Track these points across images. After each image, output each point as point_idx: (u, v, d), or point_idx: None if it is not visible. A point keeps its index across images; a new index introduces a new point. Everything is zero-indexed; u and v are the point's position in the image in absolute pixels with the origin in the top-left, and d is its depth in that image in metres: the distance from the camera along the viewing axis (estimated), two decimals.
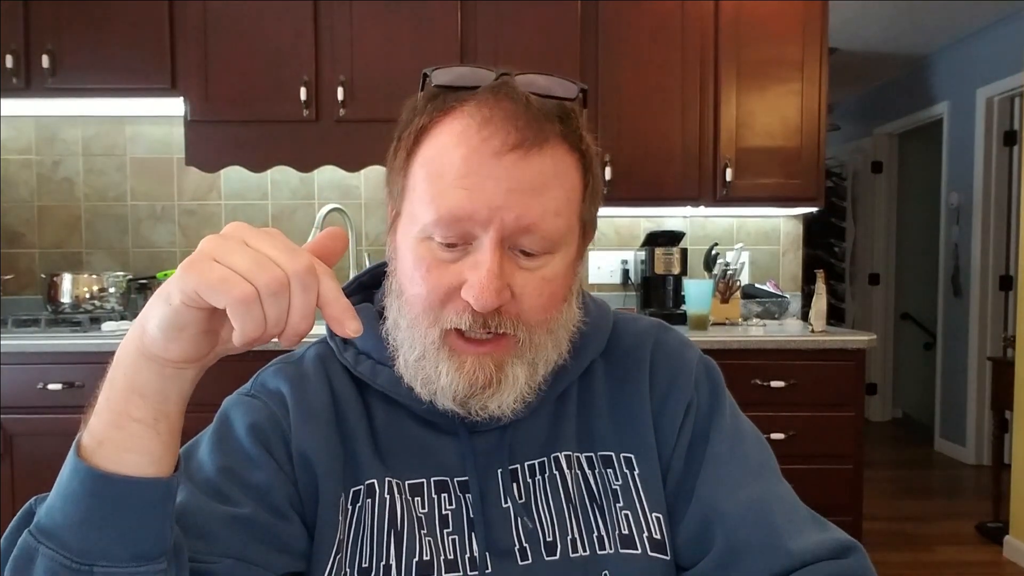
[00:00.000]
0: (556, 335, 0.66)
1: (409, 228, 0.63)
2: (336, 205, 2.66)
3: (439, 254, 0.61)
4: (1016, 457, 2.99)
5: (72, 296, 2.55)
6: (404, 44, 2.52)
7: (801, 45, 2.64)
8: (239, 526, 0.61)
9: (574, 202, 0.64)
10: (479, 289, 0.59)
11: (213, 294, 0.44)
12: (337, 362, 0.72)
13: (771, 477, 0.69)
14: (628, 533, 0.67)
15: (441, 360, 0.63)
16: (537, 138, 0.60)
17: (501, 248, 0.60)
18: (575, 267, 0.67)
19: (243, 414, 0.68)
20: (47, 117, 2.84)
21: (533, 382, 0.65)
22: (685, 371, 0.73)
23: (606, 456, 0.70)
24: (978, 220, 4.39)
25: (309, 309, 0.46)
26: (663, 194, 2.67)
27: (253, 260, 0.45)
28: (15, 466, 2.23)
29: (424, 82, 0.64)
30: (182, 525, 0.58)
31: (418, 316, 0.63)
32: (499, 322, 0.61)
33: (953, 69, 4.65)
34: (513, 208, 0.59)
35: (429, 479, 0.68)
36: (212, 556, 0.59)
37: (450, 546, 0.65)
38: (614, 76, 2.61)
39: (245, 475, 0.64)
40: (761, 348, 2.31)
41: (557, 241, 0.62)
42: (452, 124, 0.61)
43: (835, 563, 0.62)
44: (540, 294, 0.62)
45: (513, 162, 0.59)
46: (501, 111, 0.60)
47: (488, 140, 0.59)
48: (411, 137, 0.63)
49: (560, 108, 0.63)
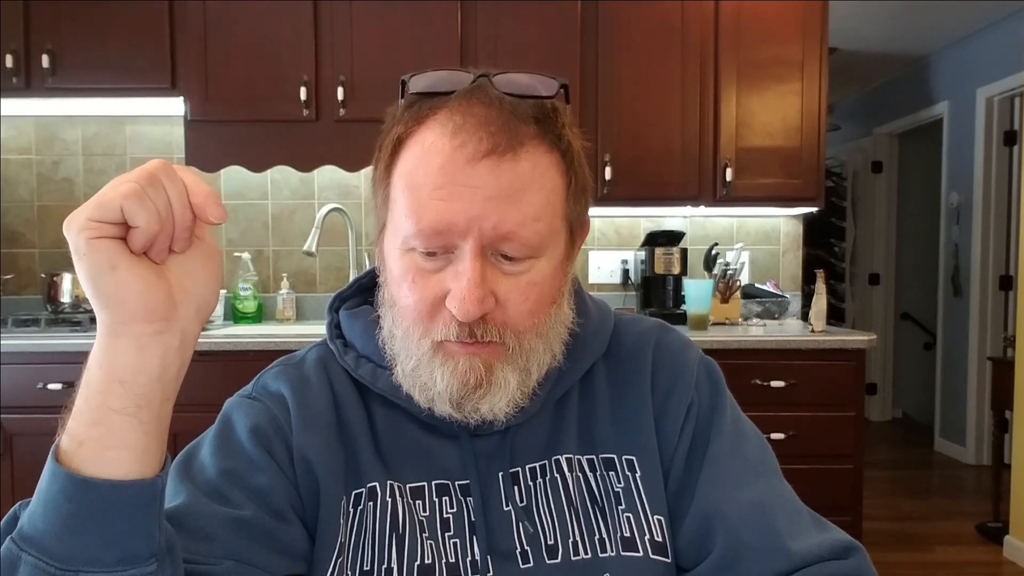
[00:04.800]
0: (547, 338, 0.65)
1: (393, 239, 0.64)
2: (336, 205, 2.66)
3: (422, 264, 0.62)
4: (1016, 457, 2.99)
5: (72, 296, 2.55)
6: (404, 44, 2.52)
7: (801, 45, 2.64)
8: (240, 528, 0.61)
9: (556, 204, 0.63)
10: (460, 300, 0.59)
11: (102, 208, 0.46)
12: (338, 364, 0.72)
13: (772, 478, 0.69)
14: (630, 535, 0.66)
15: (436, 366, 0.63)
16: (511, 142, 0.59)
17: (482, 256, 0.60)
18: (564, 268, 0.67)
19: (245, 416, 0.68)
20: (47, 117, 2.84)
21: (527, 387, 0.65)
22: (686, 372, 0.72)
23: (608, 458, 0.70)
24: (978, 220, 4.39)
25: (183, 197, 0.48)
26: (663, 194, 2.67)
27: (120, 176, 0.48)
28: (15, 466, 2.23)
29: (403, 89, 0.64)
30: (183, 526, 0.58)
31: (409, 328, 0.64)
32: (484, 330, 0.61)
33: (953, 69, 4.65)
34: (490, 216, 0.59)
35: (430, 482, 0.68)
36: (213, 558, 0.58)
37: (451, 549, 0.65)
38: (614, 76, 2.61)
39: (247, 478, 0.64)
40: (761, 348, 2.31)
41: (538, 246, 0.62)
42: (426, 134, 0.61)
43: (836, 564, 0.62)
44: (526, 299, 0.62)
45: (488, 169, 0.59)
46: (473, 117, 0.59)
47: (461, 148, 0.59)
48: (388, 148, 0.64)
49: (537, 108, 0.62)
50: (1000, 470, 3.30)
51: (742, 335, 2.37)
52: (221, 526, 0.60)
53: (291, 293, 2.84)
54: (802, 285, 3.06)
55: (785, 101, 2.65)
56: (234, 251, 2.88)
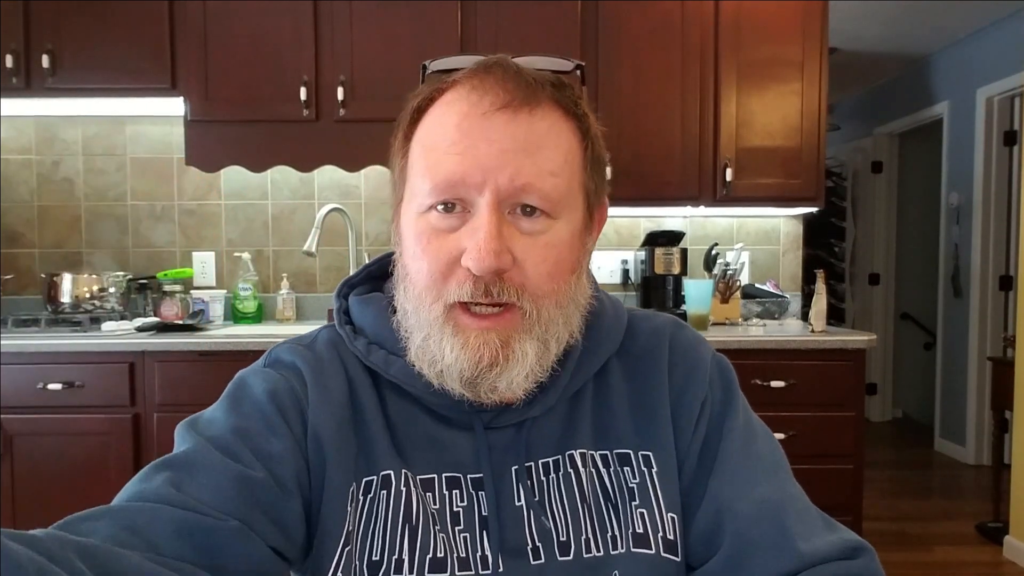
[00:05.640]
0: (566, 310, 0.63)
1: (409, 206, 0.63)
2: (336, 205, 2.66)
3: (437, 224, 0.61)
4: (1016, 457, 2.99)
5: (72, 296, 2.55)
6: (404, 44, 2.52)
7: (801, 45, 2.64)
8: (247, 487, 0.58)
9: (573, 165, 0.62)
10: (476, 251, 0.58)
11: None
12: (348, 350, 0.70)
13: (783, 476, 0.69)
14: (643, 532, 0.66)
15: (446, 336, 0.61)
16: (528, 98, 0.59)
17: (499, 211, 0.59)
18: (583, 239, 0.65)
19: (262, 380, 0.66)
20: (47, 117, 2.84)
21: (546, 361, 0.63)
22: (700, 368, 0.72)
23: (623, 454, 0.69)
24: (978, 220, 4.39)
25: None
26: (663, 194, 2.67)
27: None
28: (15, 466, 2.23)
29: (423, 74, 0.65)
30: (189, 470, 0.57)
31: (422, 293, 0.62)
32: (501, 289, 0.59)
33: (953, 69, 4.65)
34: (506, 168, 0.58)
35: (440, 475, 0.66)
36: (218, 512, 0.55)
37: (462, 544, 0.64)
38: (614, 76, 2.61)
39: (259, 440, 0.61)
40: (761, 348, 2.31)
41: (557, 201, 0.61)
42: (444, 98, 0.62)
43: (844, 564, 0.62)
44: (544, 260, 0.60)
45: (504, 122, 0.59)
46: (492, 77, 0.60)
47: (477, 104, 0.59)
48: (407, 118, 0.64)
49: (554, 76, 0.63)
50: (1000, 470, 3.30)
51: (742, 335, 2.37)
52: (229, 480, 0.57)
53: (291, 293, 2.84)
54: (802, 285, 3.06)
55: (785, 101, 2.65)
56: (234, 251, 2.88)
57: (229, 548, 0.55)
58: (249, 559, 0.56)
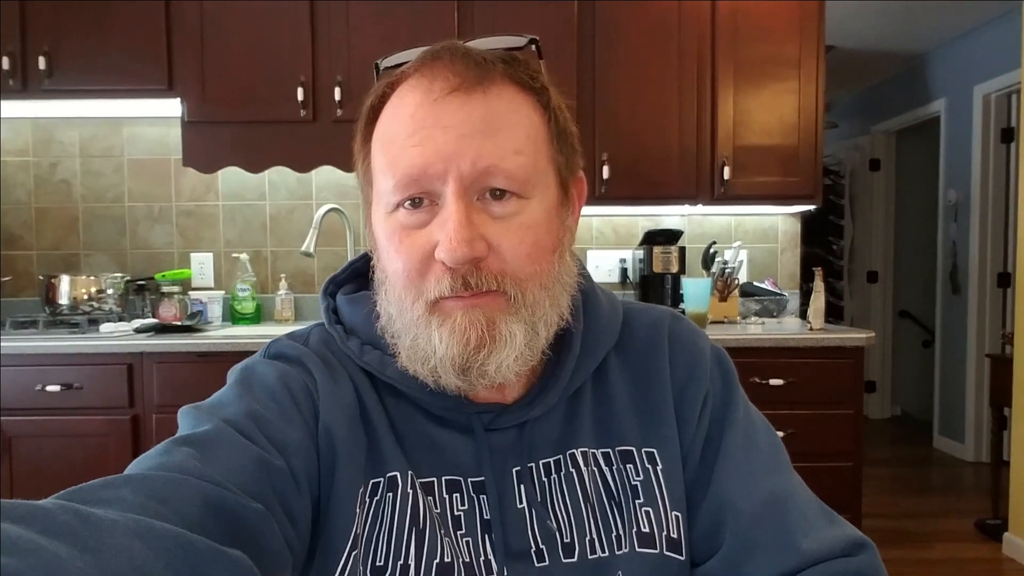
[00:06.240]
0: (552, 291, 0.61)
1: (378, 208, 0.62)
2: (334, 205, 2.66)
3: (406, 221, 0.59)
4: (1015, 454, 2.99)
5: (70, 297, 2.55)
6: (401, 44, 2.48)
7: (798, 43, 2.64)
8: (267, 473, 0.54)
9: (537, 140, 0.60)
10: (448, 243, 0.56)
11: None
12: (341, 349, 0.68)
13: (785, 472, 0.68)
14: (648, 531, 0.64)
15: (433, 328, 0.58)
16: (480, 78, 0.58)
17: (466, 198, 0.57)
18: (560, 216, 0.63)
19: (272, 369, 0.63)
20: (44, 119, 2.84)
21: (535, 345, 0.61)
22: (701, 361, 0.70)
23: (626, 451, 0.67)
24: (976, 217, 4.40)
25: None
26: (661, 193, 2.67)
27: None
28: (14, 467, 2.23)
29: (376, 73, 0.65)
30: (210, 448, 0.53)
31: (402, 294, 0.60)
32: (480, 279, 0.57)
33: (950, 66, 4.65)
34: (467, 153, 0.56)
35: (440, 478, 0.64)
36: (244, 495, 0.51)
37: (464, 548, 0.62)
38: (611, 76, 2.61)
39: (273, 428, 0.58)
40: (759, 346, 2.31)
41: (525, 180, 0.58)
42: (397, 92, 0.61)
43: (846, 560, 0.61)
44: (521, 242, 0.58)
45: (458, 105, 0.57)
46: (439, 63, 0.59)
47: (428, 91, 0.58)
48: (364, 118, 0.63)
49: (505, 53, 0.61)
50: (999, 467, 3.30)
51: (740, 333, 2.37)
52: (251, 462, 0.54)
53: (289, 293, 2.84)
54: (800, 283, 3.06)
55: (782, 99, 2.65)
56: (232, 252, 2.88)
57: (255, 530, 0.51)
58: (270, 545, 0.52)
